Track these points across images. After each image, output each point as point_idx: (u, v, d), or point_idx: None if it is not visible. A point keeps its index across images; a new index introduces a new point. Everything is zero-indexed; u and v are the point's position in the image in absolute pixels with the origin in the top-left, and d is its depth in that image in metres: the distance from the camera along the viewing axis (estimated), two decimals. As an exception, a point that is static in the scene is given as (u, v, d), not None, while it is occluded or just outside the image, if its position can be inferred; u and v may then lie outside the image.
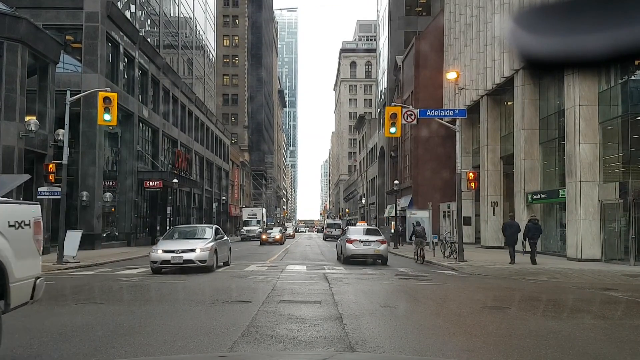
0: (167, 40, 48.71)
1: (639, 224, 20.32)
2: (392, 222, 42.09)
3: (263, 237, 43.68)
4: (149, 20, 43.59)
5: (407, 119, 22.27)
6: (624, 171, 22.53)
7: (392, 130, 20.91)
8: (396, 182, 41.35)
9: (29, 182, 23.66)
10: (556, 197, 25.00)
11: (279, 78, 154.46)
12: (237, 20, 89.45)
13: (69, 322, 8.01)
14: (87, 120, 28.78)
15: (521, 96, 27.67)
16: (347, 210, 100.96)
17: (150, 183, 36.30)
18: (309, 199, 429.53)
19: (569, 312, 9.81)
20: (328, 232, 59.80)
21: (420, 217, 32.96)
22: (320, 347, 6.40)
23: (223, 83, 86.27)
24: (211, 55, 70.18)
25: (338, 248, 24.00)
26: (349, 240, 21.33)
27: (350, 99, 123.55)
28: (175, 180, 37.66)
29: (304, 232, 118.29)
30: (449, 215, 38.68)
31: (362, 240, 21.13)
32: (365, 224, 44.91)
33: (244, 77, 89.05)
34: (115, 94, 20.07)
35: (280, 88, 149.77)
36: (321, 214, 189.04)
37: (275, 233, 44.63)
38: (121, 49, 33.05)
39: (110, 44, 31.77)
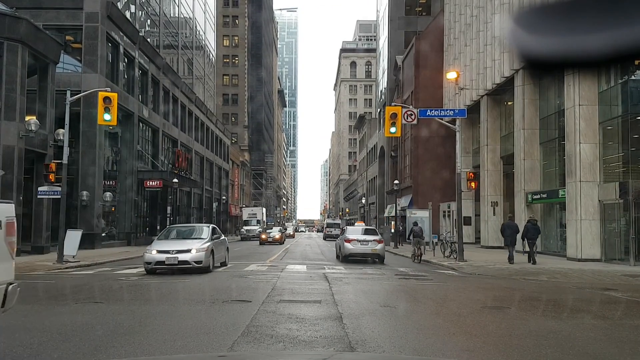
0: (167, 40, 48.71)
1: (639, 224, 20.32)
2: (392, 222, 42.11)
3: (262, 236, 43.35)
4: (149, 21, 43.59)
5: (407, 118, 22.27)
6: (624, 171, 22.53)
7: (392, 130, 20.91)
8: (396, 182, 41.36)
9: (29, 181, 23.73)
10: (556, 197, 25.00)
11: (279, 78, 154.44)
12: (237, 21, 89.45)
13: (69, 321, 8.00)
14: (87, 120, 28.79)
15: (521, 96, 27.67)
16: (347, 210, 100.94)
17: (151, 183, 36.33)
18: (309, 198, 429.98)
19: (569, 312, 9.81)
20: (328, 231, 60.34)
21: (420, 217, 32.90)
22: (320, 346, 6.40)
23: (223, 83, 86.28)
24: (211, 55, 70.18)
25: (337, 247, 24.66)
26: (347, 239, 21.97)
27: (350, 99, 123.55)
28: (175, 180, 37.67)
29: (303, 231, 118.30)
30: (449, 215, 38.68)
31: (359, 239, 21.77)
32: (364, 224, 45.20)
33: (244, 77, 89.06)
34: (115, 94, 20.06)
35: (280, 88, 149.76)
36: (321, 214, 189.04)
37: (275, 233, 44.36)
38: (121, 49, 33.06)
39: (110, 44, 31.77)
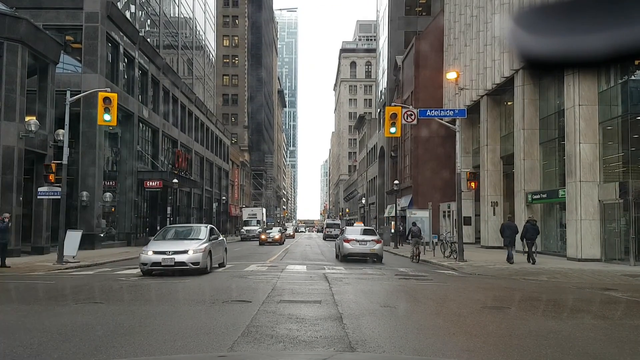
0: (167, 40, 48.71)
1: (639, 224, 20.32)
2: (392, 222, 42.11)
3: (262, 237, 42.99)
4: (148, 21, 43.59)
5: (407, 119, 22.27)
6: (624, 171, 22.52)
7: (392, 130, 20.91)
8: (396, 182, 41.35)
9: (29, 182, 23.72)
10: (556, 197, 25.00)
11: (279, 78, 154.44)
12: (237, 21, 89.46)
13: (69, 321, 8.00)
14: (87, 121, 28.79)
15: (521, 96, 27.67)
16: (347, 210, 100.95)
17: (150, 183, 36.33)
18: (309, 199, 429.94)
19: (569, 312, 9.80)
20: (327, 232, 61.05)
21: (420, 217, 32.93)
22: (320, 347, 6.40)
23: (223, 83, 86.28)
24: (211, 55, 70.19)
25: (336, 247, 25.10)
26: (346, 239, 22.43)
27: (350, 99, 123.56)
28: (175, 180, 37.67)
29: (303, 232, 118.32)
30: (449, 215, 38.68)
31: (358, 239, 22.23)
32: (362, 225, 45.39)
33: (244, 77, 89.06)
34: (115, 94, 20.07)
35: (280, 88, 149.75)
36: (321, 214, 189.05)
37: (275, 233, 44.02)
38: (121, 49, 33.06)
39: (110, 44, 31.78)
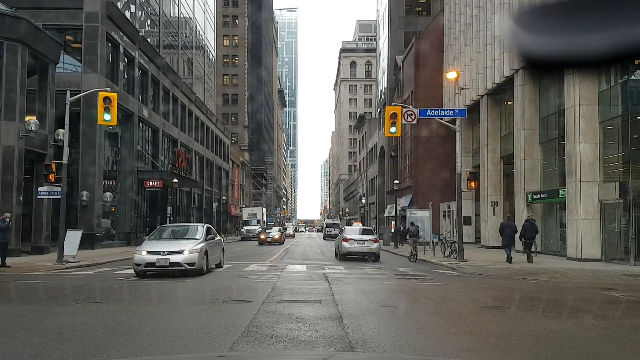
0: (167, 40, 48.70)
1: (639, 223, 20.31)
2: (392, 222, 42.10)
3: (262, 237, 42.48)
4: (148, 21, 43.58)
5: (407, 118, 22.27)
6: (624, 171, 22.51)
7: (392, 130, 20.91)
8: (396, 181, 41.33)
9: (29, 181, 23.72)
10: (556, 196, 24.99)
11: (279, 78, 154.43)
12: (237, 20, 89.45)
13: (69, 321, 8.00)
14: (87, 120, 28.79)
15: (521, 96, 27.66)
16: (347, 210, 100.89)
17: (151, 183, 36.33)
18: (309, 198, 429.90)
19: (569, 311, 9.80)
20: (327, 231, 61.77)
21: (420, 217, 32.93)
22: (320, 346, 6.40)
23: (223, 83, 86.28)
24: (211, 55, 70.19)
25: (336, 246, 25.88)
26: (345, 239, 23.22)
27: (350, 99, 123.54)
28: (176, 180, 37.67)
29: (303, 231, 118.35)
30: (449, 215, 38.68)
31: (356, 239, 23.03)
32: (361, 224, 45.77)
33: (244, 77, 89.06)
34: (115, 94, 20.06)
35: (280, 88, 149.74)
36: (321, 214, 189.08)
37: (274, 233, 43.73)
38: (121, 49, 33.06)
39: (110, 44, 31.77)
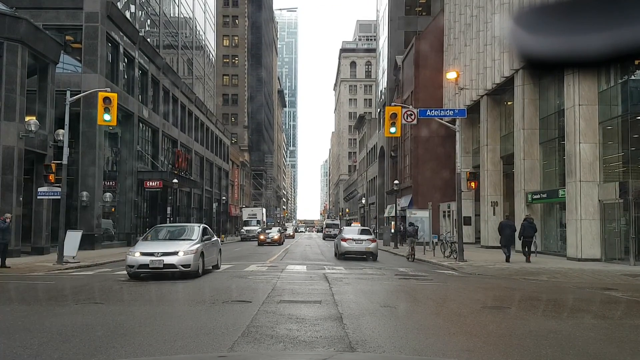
0: (167, 40, 48.71)
1: (639, 223, 20.31)
2: (392, 222, 42.09)
3: (261, 237, 41.73)
4: (148, 21, 43.59)
5: (407, 118, 22.26)
6: (624, 171, 22.52)
7: (392, 130, 20.91)
8: (396, 182, 41.32)
9: (29, 182, 23.71)
10: (556, 196, 24.99)
11: (279, 78, 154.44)
12: (237, 21, 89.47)
13: (69, 322, 8.00)
14: (87, 121, 28.79)
15: (521, 96, 27.66)
16: (347, 210, 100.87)
17: (150, 183, 36.34)
18: (309, 199, 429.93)
19: (569, 312, 9.80)
20: (327, 231, 62.61)
21: (420, 217, 32.95)
22: (320, 347, 6.40)
23: (223, 83, 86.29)
24: (211, 55, 70.19)
25: (335, 246, 26.70)
26: (343, 239, 24.17)
27: (350, 99, 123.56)
28: (175, 180, 37.67)
29: (303, 232, 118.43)
30: (449, 215, 38.68)
31: (355, 239, 23.94)
32: (359, 225, 46.10)
33: (244, 77, 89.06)
34: (115, 94, 20.06)
35: (280, 88, 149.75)
36: (321, 214, 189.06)
37: (274, 233, 43.08)
38: (121, 49, 33.06)
39: (110, 44, 31.77)
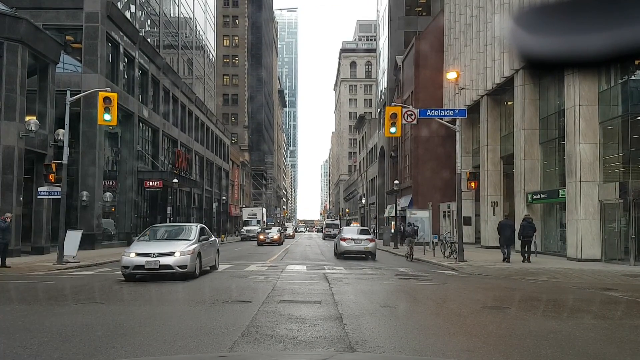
0: (167, 40, 48.71)
1: (639, 224, 20.30)
2: (392, 222, 42.09)
3: (260, 237, 41.46)
4: (149, 21, 43.60)
5: (407, 118, 22.26)
6: (624, 171, 22.51)
7: (392, 130, 20.90)
8: (396, 182, 41.31)
9: (29, 182, 23.72)
10: (556, 197, 24.99)
11: (279, 78, 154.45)
12: (237, 21, 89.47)
13: (69, 322, 8.00)
14: (87, 120, 28.80)
15: (521, 96, 27.66)
16: (347, 210, 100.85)
17: (151, 183, 36.34)
18: (309, 199, 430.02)
19: (569, 312, 9.79)
20: (327, 232, 63.40)
21: (420, 217, 32.94)
22: (320, 347, 6.40)
23: (223, 83, 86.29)
24: (211, 55, 70.20)
25: (334, 245, 27.20)
26: (343, 238, 24.76)
27: (350, 99, 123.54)
28: (176, 180, 37.68)
29: (303, 232, 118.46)
30: (449, 215, 38.66)
31: (353, 238, 24.53)
32: (358, 225, 46.42)
33: (244, 77, 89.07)
34: (115, 94, 20.06)
35: (280, 88, 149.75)
36: (321, 214, 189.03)
37: (274, 233, 42.88)
38: (121, 49, 33.06)
39: (110, 44, 31.78)
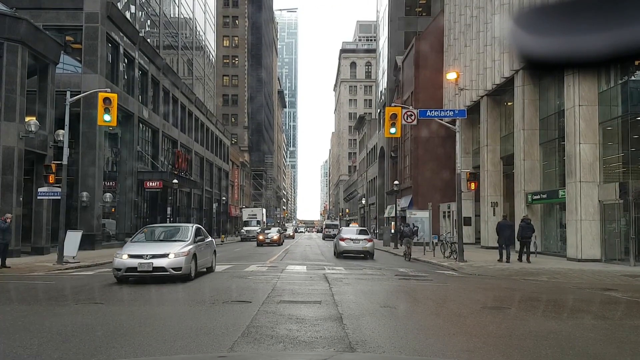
0: (167, 40, 48.72)
1: (639, 224, 20.30)
2: (392, 223, 42.09)
3: (260, 237, 41.34)
4: (148, 21, 43.60)
5: (407, 119, 22.27)
6: (624, 171, 22.51)
7: (392, 130, 20.90)
8: (396, 182, 41.31)
9: (29, 182, 23.71)
10: (556, 197, 24.99)
11: (279, 78, 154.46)
12: (237, 21, 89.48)
13: (69, 322, 8.00)
14: (87, 121, 28.79)
15: (521, 96, 27.66)
16: (347, 211, 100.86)
17: (150, 183, 36.34)
18: (309, 199, 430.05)
19: (569, 312, 9.80)
20: (327, 232, 63.96)
21: (420, 218, 32.96)
22: (320, 347, 6.40)
23: (223, 83, 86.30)
24: (211, 55, 70.20)
25: (334, 245, 27.89)
26: (342, 238, 25.55)
27: (350, 100, 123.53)
28: (175, 181, 37.67)
29: (303, 232, 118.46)
30: (449, 216, 38.65)
31: (352, 238, 25.34)
32: (357, 225, 46.77)
33: (244, 78, 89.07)
34: (115, 95, 20.06)
35: (280, 88, 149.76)
36: (321, 215, 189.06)
37: (273, 233, 42.79)
38: (121, 50, 33.05)
39: (110, 45, 31.77)
